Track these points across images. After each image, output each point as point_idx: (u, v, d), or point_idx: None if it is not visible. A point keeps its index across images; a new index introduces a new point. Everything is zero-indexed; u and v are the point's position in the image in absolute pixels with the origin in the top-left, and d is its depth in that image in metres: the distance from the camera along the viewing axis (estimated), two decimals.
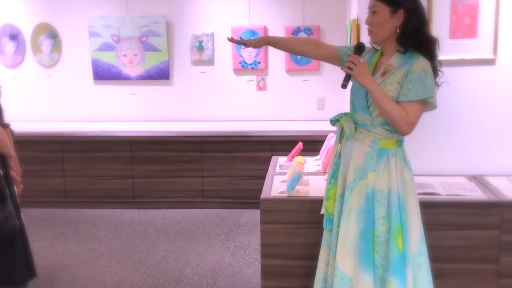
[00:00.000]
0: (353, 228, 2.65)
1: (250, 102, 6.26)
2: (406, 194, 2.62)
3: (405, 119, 2.52)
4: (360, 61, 2.58)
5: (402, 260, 2.58)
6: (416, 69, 2.51)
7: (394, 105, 2.53)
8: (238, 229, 5.08)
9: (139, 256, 4.49)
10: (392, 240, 2.58)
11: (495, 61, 3.48)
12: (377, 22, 2.59)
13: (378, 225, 2.61)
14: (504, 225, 3.09)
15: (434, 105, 2.58)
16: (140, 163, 5.69)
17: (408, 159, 2.70)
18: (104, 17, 6.17)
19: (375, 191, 2.61)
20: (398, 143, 2.65)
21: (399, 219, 2.59)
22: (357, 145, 2.70)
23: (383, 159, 2.62)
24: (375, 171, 2.62)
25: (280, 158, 4.22)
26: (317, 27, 6.01)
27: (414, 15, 2.54)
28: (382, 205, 2.60)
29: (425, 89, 2.51)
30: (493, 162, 3.58)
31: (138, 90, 6.33)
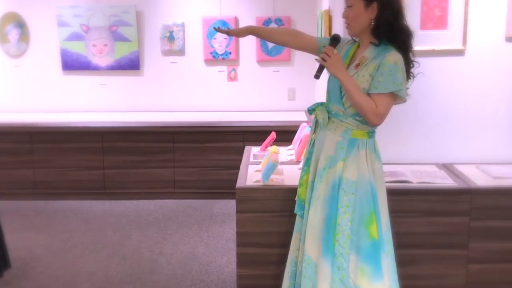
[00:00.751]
0: (319, 215, 2.71)
1: (221, 93, 6.27)
2: (376, 184, 2.67)
3: (374, 110, 2.57)
4: (334, 52, 2.62)
5: (376, 248, 2.63)
6: (387, 62, 2.56)
7: (365, 97, 2.58)
8: (211, 219, 5.10)
9: (112, 247, 4.48)
10: (364, 228, 2.63)
11: (465, 51, 3.57)
12: (352, 16, 2.64)
13: (341, 212, 2.64)
14: (473, 211, 3.18)
15: (404, 98, 2.63)
16: (111, 154, 5.65)
17: (378, 150, 2.75)
18: (73, 7, 6.09)
19: (342, 179, 2.66)
20: (369, 134, 2.70)
21: (372, 207, 2.64)
22: (329, 134, 2.75)
23: (353, 149, 2.67)
24: (344, 160, 2.67)
25: (254, 148, 4.24)
26: (288, 18, 6.04)
27: (387, 8, 2.57)
28: (347, 193, 2.64)
29: (395, 82, 2.54)
30: (462, 150, 3.67)
31: (108, 81, 6.27)
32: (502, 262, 3.24)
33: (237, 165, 3.77)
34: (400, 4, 2.63)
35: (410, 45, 2.63)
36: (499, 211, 3.19)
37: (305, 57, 2.97)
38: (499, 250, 3.22)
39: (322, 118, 2.77)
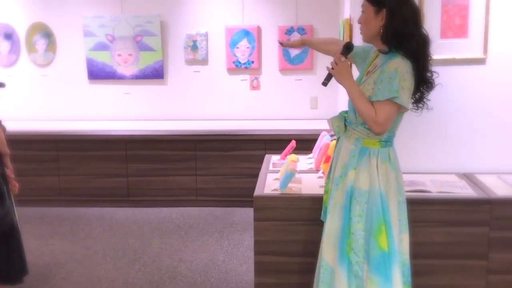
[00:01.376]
0: (336, 222, 2.73)
1: (243, 101, 6.30)
2: (388, 194, 2.65)
3: (374, 118, 2.56)
4: (342, 60, 2.65)
5: (385, 259, 2.61)
6: (387, 69, 2.55)
7: (366, 104, 2.58)
8: (231, 227, 5.12)
9: (133, 254, 4.52)
10: (373, 238, 2.62)
11: (486, 60, 3.53)
12: (364, 21, 2.67)
13: (354, 222, 2.66)
14: (493, 222, 3.15)
15: (404, 106, 2.57)
16: (135, 161, 5.72)
17: (394, 160, 2.71)
18: (98, 17, 6.20)
19: (354, 188, 2.67)
20: (381, 143, 2.67)
21: (382, 218, 2.62)
22: (345, 142, 2.77)
23: (364, 157, 2.66)
24: (355, 169, 2.67)
25: (274, 157, 4.26)
26: (310, 26, 6.05)
27: (396, 16, 2.55)
28: (359, 202, 2.65)
29: (391, 89, 2.52)
30: (483, 160, 3.63)
31: (132, 90, 6.36)
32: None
33: (258, 173, 3.79)
34: (413, 11, 2.60)
35: (422, 53, 2.60)
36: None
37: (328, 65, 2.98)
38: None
39: (336, 126, 2.79)
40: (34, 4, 6.34)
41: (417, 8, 2.65)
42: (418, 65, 2.59)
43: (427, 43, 2.62)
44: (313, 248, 3.04)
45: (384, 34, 2.60)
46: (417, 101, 2.74)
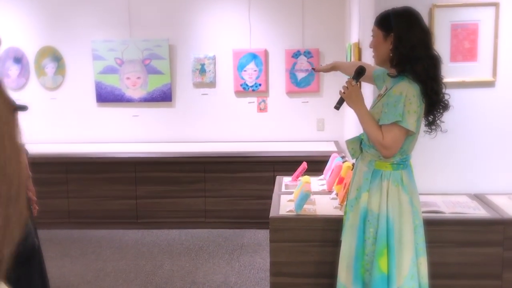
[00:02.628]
0: (350, 244, 2.78)
1: (251, 124, 6.36)
2: (400, 218, 2.66)
3: (380, 142, 2.61)
4: (352, 84, 2.70)
5: (383, 282, 2.64)
6: (393, 92, 2.60)
7: (374, 128, 2.63)
8: (241, 249, 5.15)
9: (145, 276, 4.54)
10: (376, 261, 2.66)
11: (495, 83, 3.61)
12: (374, 46, 2.75)
13: (368, 244, 2.70)
14: (507, 242, 3.19)
15: (410, 129, 2.59)
16: (143, 184, 5.76)
17: (408, 183, 2.72)
18: (107, 41, 6.29)
19: (367, 210, 2.71)
20: (392, 166, 2.70)
21: (386, 241, 2.65)
22: (360, 164, 2.82)
23: (376, 180, 2.70)
24: (368, 191, 2.72)
25: (285, 178, 4.31)
26: (317, 50, 6.14)
27: (403, 40, 2.60)
28: (372, 225, 2.69)
29: (396, 113, 2.56)
30: (494, 181, 3.68)
31: (141, 112, 6.42)
32: None
33: (267, 195, 3.83)
34: (423, 34, 2.63)
35: (430, 76, 2.61)
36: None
37: (334, 88, 3.05)
38: None
39: (351, 148, 2.84)
40: (43, 28, 6.43)
41: (426, 30, 2.68)
42: (426, 88, 2.61)
43: (436, 66, 2.65)
44: (328, 269, 3.08)
45: (392, 58, 2.65)
46: (430, 123, 2.77)
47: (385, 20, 2.68)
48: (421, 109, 2.65)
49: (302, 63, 6.18)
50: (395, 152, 2.64)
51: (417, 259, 2.72)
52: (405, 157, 2.73)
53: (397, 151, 2.64)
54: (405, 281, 2.63)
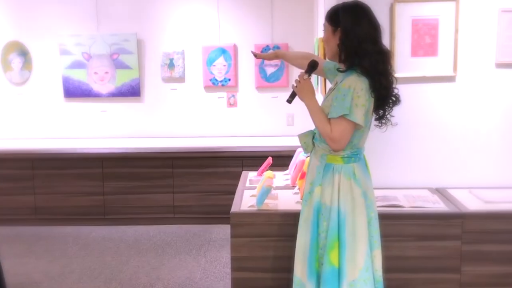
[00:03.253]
0: (304, 238, 2.78)
1: (220, 119, 6.34)
2: (353, 211, 2.65)
3: (329, 135, 2.61)
4: (304, 78, 2.71)
5: (334, 276, 2.64)
6: (342, 86, 2.60)
7: (323, 121, 2.63)
8: (209, 244, 5.13)
9: (110, 273, 4.50)
10: (326, 254, 2.66)
11: (455, 78, 3.63)
12: (324, 40, 2.76)
13: (322, 238, 2.71)
14: (465, 235, 3.21)
15: (357, 123, 2.58)
16: (111, 179, 5.71)
17: (361, 176, 2.71)
18: (75, 35, 6.21)
19: (321, 204, 2.71)
20: (343, 160, 2.69)
21: (337, 235, 2.64)
22: (313, 158, 2.82)
23: (328, 174, 2.70)
24: (321, 185, 2.72)
25: (250, 173, 4.30)
26: (286, 45, 6.13)
27: (349, 35, 2.59)
28: (326, 218, 2.69)
29: (344, 106, 2.56)
30: (455, 175, 3.71)
31: (109, 107, 6.36)
32: (494, 286, 3.24)
33: (235, 190, 3.82)
34: (370, 29, 2.61)
35: (378, 70, 2.60)
36: (490, 235, 3.21)
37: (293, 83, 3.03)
38: (491, 274, 3.23)
39: (304, 142, 2.84)
40: (9, 22, 6.33)
41: (375, 25, 2.64)
42: (374, 83, 2.60)
43: (385, 60, 2.63)
44: (288, 263, 3.06)
45: (340, 53, 2.65)
46: (380, 117, 2.75)
47: (334, 14, 2.67)
48: (370, 103, 2.64)
49: None
50: (344, 145, 2.63)
51: (372, 251, 2.72)
52: (356, 151, 2.71)
53: (346, 144, 2.64)
54: (360, 274, 2.63)
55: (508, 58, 3.59)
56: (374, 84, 2.60)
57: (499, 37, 3.58)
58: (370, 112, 2.68)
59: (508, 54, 3.59)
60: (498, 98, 3.65)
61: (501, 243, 3.21)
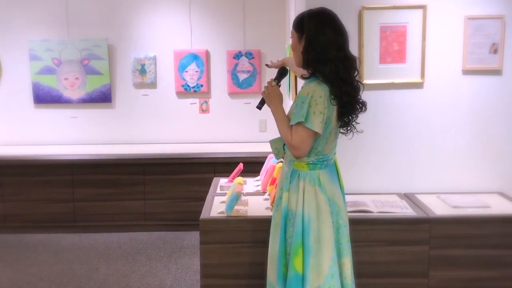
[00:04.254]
0: (275, 243, 2.78)
1: (193, 125, 6.32)
2: (318, 217, 2.65)
3: (289, 142, 2.62)
4: (272, 85, 2.72)
5: (298, 282, 2.63)
6: (301, 93, 2.61)
7: (285, 128, 2.64)
8: (180, 251, 5.10)
9: (79, 281, 4.44)
10: (291, 259, 2.66)
11: (423, 84, 3.67)
12: (292, 47, 2.77)
13: (289, 242, 2.71)
14: (432, 240, 3.25)
15: (314, 130, 2.56)
16: (81, 186, 5.64)
17: (326, 182, 2.69)
18: (45, 41, 6.13)
19: (288, 210, 2.71)
20: (308, 166, 2.68)
21: (301, 241, 2.64)
22: (283, 164, 2.83)
23: (294, 179, 2.70)
24: (288, 190, 2.72)
25: (222, 179, 4.29)
26: (258, 51, 6.15)
27: (312, 42, 2.58)
28: (292, 224, 2.69)
29: (300, 113, 2.55)
30: (423, 180, 3.76)
31: (79, 113, 6.29)
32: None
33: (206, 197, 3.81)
34: (333, 35, 2.59)
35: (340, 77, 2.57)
36: (457, 240, 3.26)
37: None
38: (458, 278, 3.28)
39: (274, 148, 2.84)
40: None
41: (340, 31, 2.62)
42: (335, 89, 2.58)
43: (349, 67, 2.61)
44: (259, 270, 3.07)
45: (303, 60, 2.66)
46: (345, 124, 2.70)
47: (300, 22, 2.68)
48: (331, 110, 2.60)
49: (244, 64, 6.18)
50: (305, 152, 2.62)
51: (341, 259, 2.72)
52: (322, 157, 2.69)
53: (307, 151, 2.63)
54: (325, 280, 2.63)
55: (475, 64, 3.65)
56: (335, 91, 2.58)
57: (466, 44, 3.63)
58: (332, 119, 2.64)
59: (474, 61, 3.65)
60: (464, 104, 3.70)
61: (468, 247, 3.26)
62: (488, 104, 3.70)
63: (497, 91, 3.69)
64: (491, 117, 3.71)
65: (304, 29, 2.63)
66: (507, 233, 3.26)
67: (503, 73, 3.67)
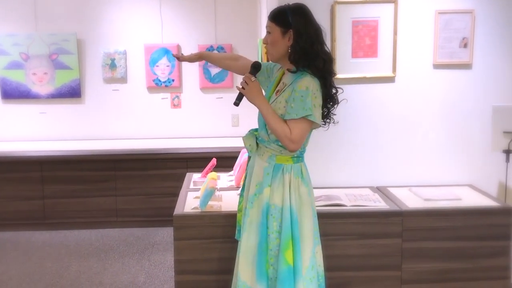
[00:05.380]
0: (252, 240, 2.74)
1: (164, 120, 6.27)
2: (301, 209, 2.69)
3: (288, 136, 2.61)
4: (252, 80, 2.68)
5: (290, 275, 2.64)
6: (298, 87, 2.60)
7: (280, 123, 2.62)
8: (153, 247, 5.06)
9: (50, 279, 4.37)
10: (281, 254, 2.66)
11: (395, 78, 3.70)
12: (271, 42, 2.71)
13: (272, 238, 2.69)
14: (405, 233, 3.28)
15: (317, 123, 2.64)
16: (51, 183, 5.55)
17: (306, 175, 2.76)
18: (12, 35, 6.01)
19: (270, 205, 2.70)
20: (293, 159, 2.72)
21: (290, 234, 2.65)
22: (258, 160, 2.79)
23: (278, 174, 2.70)
24: (270, 185, 2.70)
25: (195, 175, 4.26)
26: (229, 45, 6.12)
27: (302, 36, 2.62)
28: (276, 219, 2.68)
29: (305, 107, 2.58)
30: (395, 173, 3.79)
31: (48, 109, 6.18)
32: (434, 282, 3.33)
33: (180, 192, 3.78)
34: (317, 31, 2.67)
35: (328, 70, 2.67)
36: (429, 232, 3.30)
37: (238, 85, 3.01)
38: (430, 270, 3.32)
39: (248, 145, 2.82)
40: None
41: (319, 27, 2.70)
42: (325, 83, 2.66)
43: (331, 61, 2.70)
44: (232, 265, 3.05)
45: (292, 54, 2.66)
46: (324, 116, 2.77)
47: (283, 16, 2.66)
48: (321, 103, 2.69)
49: None
50: (301, 145, 2.66)
51: (315, 247, 2.75)
52: (303, 150, 2.76)
53: (302, 144, 2.67)
54: (306, 272, 2.66)
55: (445, 59, 3.69)
56: (325, 84, 2.65)
57: (436, 38, 3.67)
58: None
59: (445, 55, 3.69)
60: (435, 98, 3.74)
61: (440, 240, 3.30)
62: (458, 98, 3.75)
63: (467, 85, 3.74)
64: (461, 110, 3.76)
65: (290, 23, 2.63)
66: (478, 225, 3.30)
67: (472, 67, 3.72)
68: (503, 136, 3.66)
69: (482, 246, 3.32)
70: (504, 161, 3.71)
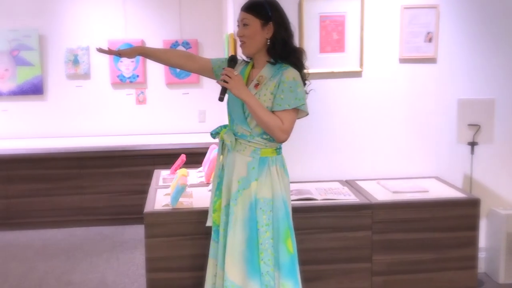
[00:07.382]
0: (239, 237, 2.69)
1: (129, 116, 6.20)
2: (288, 199, 2.74)
3: (281, 127, 2.61)
4: (235, 73, 2.64)
5: (293, 262, 2.70)
6: (286, 79, 2.61)
7: (270, 115, 2.62)
8: (121, 246, 5.01)
9: (16, 280, 4.29)
10: (282, 244, 2.67)
11: (362, 73, 3.75)
12: (249, 35, 2.66)
13: (262, 232, 2.67)
14: (375, 225, 3.33)
15: (306, 112, 2.69)
16: (15, 182, 5.43)
17: (286, 165, 2.80)
18: None
19: (258, 199, 2.67)
20: (277, 151, 2.74)
21: (287, 223, 2.69)
22: (238, 156, 2.75)
23: (264, 167, 2.69)
24: (257, 179, 2.68)
25: (163, 172, 4.23)
26: (195, 41, 6.09)
27: (282, 28, 2.65)
28: (265, 212, 2.67)
29: (297, 97, 2.61)
30: (364, 166, 3.85)
31: (10, 106, 6.05)
32: (404, 273, 3.39)
33: (148, 189, 3.74)
34: (289, 24, 2.71)
35: (303, 63, 2.71)
36: (399, 224, 3.35)
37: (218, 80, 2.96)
38: (400, 261, 3.37)
39: (229, 141, 2.76)
40: None
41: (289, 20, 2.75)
42: (302, 74, 2.69)
43: (304, 53, 2.75)
44: (204, 261, 3.04)
45: (272, 46, 2.66)
46: None
47: (262, 8, 2.65)
48: None
49: None
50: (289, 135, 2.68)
51: None
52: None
53: None
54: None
55: (411, 53, 3.76)
56: (303, 76, 2.69)
57: (402, 33, 3.73)
58: None
59: (411, 50, 3.76)
60: (401, 92, 3.80)
61: (409, 231, 3.36)
62: (423, 92, 3.82)
63: (432, 79, 3.81)
64: (427, 104, 3.84)
65: (270, 16, 2.63)
66: (445, 216, 3.37)
67: (437, 61, 3.80)
68: (468, 129, 3.75)
69: (450, 237, 3.39)
70: (469, 153, 3.80)
